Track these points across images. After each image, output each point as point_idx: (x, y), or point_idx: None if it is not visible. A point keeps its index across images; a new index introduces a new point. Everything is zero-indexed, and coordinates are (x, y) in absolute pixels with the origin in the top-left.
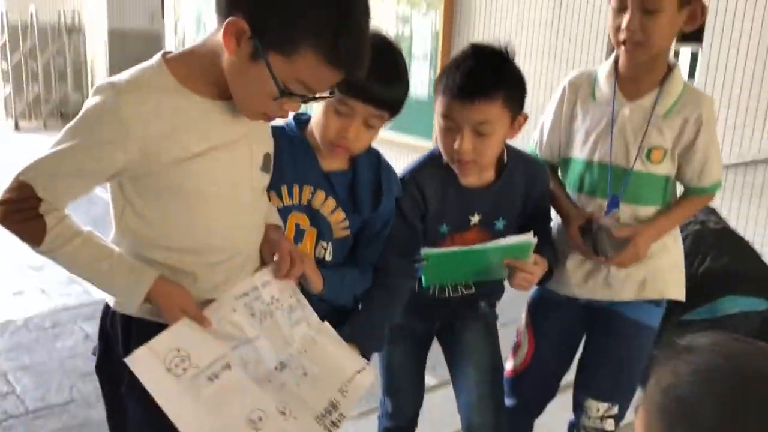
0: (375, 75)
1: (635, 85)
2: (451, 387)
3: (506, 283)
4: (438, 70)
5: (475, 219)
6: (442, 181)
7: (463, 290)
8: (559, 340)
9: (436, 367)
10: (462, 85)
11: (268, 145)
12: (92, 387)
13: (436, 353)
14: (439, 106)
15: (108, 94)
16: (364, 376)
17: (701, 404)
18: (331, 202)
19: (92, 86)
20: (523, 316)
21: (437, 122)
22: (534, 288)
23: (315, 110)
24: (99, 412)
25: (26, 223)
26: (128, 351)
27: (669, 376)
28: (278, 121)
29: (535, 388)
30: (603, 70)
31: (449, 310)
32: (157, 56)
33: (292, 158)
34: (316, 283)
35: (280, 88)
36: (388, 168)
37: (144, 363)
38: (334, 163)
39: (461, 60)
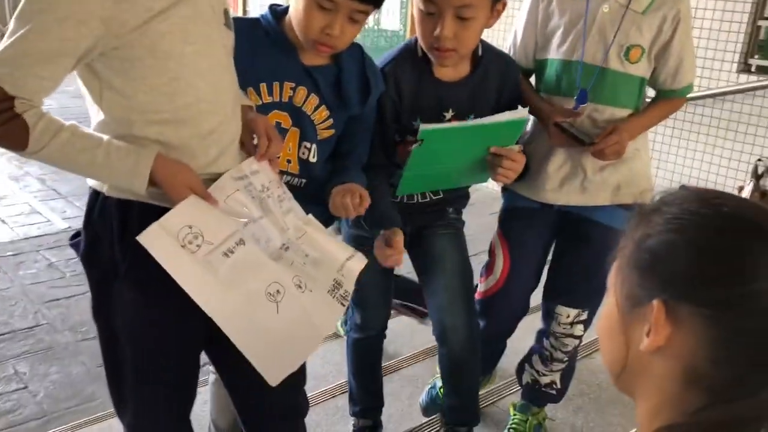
0: None
1: None
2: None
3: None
4: (410, 6)
5: (449, 114)
6: (417, 74)
7: (431, 195)
8: (533, 250)
9: None
10: None
11: (224, 2)
12: (57, 313)
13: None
14: None
15: None
16: (354, 262)
17: (673, 247)
18: (314, 99)
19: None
20: (493, 236)
21: (416, 6)
22: (504, 198)
23: (295, 3)
24: (65, 336)
25: (6, 126)
26: (126, 237)
27: (643, 227)
28: (254, 13)
29: (511, 305)
30: None
31: (418, 216)
32: None
33: (270, 53)
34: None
35: None
36: (372, 61)
37: (158, 240)
38: (315, 58)
39: None
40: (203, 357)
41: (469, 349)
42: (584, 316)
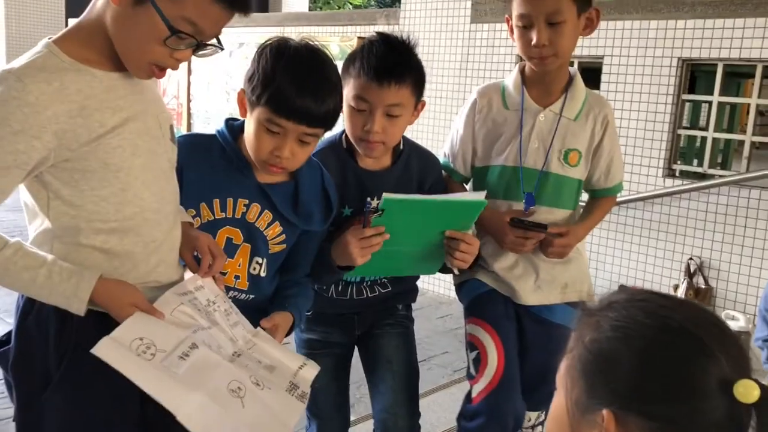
0: (304, 91)
1: (545, 92)
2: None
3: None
4: None
5: (374, 202)
6: (342, 165)
7: (380, 289)
8: (514, 334)
9: (355, 405)
10: (378, 68)
11: (170, 118)
12: None
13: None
14: (351, 89)
15: (10, 82)
16: (307, 371)
17: (621, 358)
18: (267, 216)
19: None
20: (468, 326)
21: (346, 104)
22: (466, 290)
23: (247, 124)
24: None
25: None
26: (61, 344)
27: (591, 331)
28: (211, 129)
29: (516, 393)
30: (510, 80)
31: (368, 313)
32: (44, 41)
33: (224, 170)
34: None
35: (169, 26)
36: (330, 179)
37: (111, 350)
38: (271, 176)
39: (372, 45)
40: None
41: None
42: (543, 417)
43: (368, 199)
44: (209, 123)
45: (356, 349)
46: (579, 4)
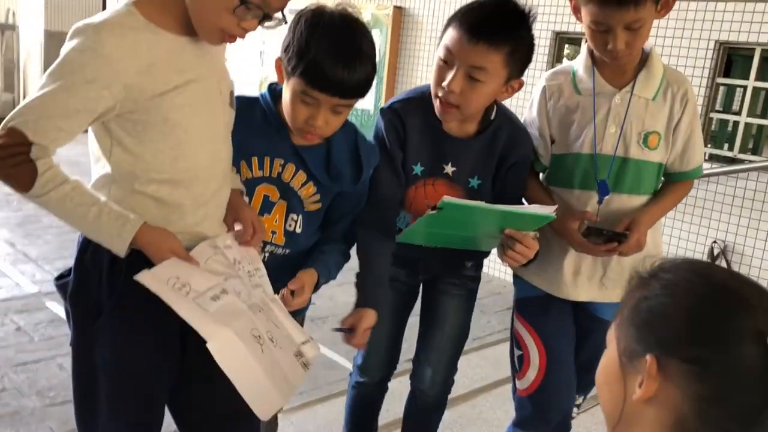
0: (337, 64)
1: (618, 72)
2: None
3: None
4: (384, 89)
5: (449, 168)
6: (425, 120)
7: None
8: (563, 333)
9: None
10: (474, 23)
11: (231, 84)
12: (24, 377)
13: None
14: (446, 38)
15: (88, 34)
16: (309, 347)
17: (667, 310)
18: (302, 176)
19: (24, 87)
20: (515, 323)
21: (437, 54)
22: (517, 287)
23: (284, 92)
24: (32, 401)
25: (17, 168)
26: (113, 277)
27: (642, 290)
28: (254, 92)
29: (560, 393)
30: (579, 63)
31: (435, 263)
32: (125, 1)
33: (264, 131)
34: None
35: None
36: (364, 140)
37: (151, 280)
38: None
39: (484, 2)
40: None
41: (439, 403)
42: (580, 401)
43: (413, 167)
44: (242, 85)
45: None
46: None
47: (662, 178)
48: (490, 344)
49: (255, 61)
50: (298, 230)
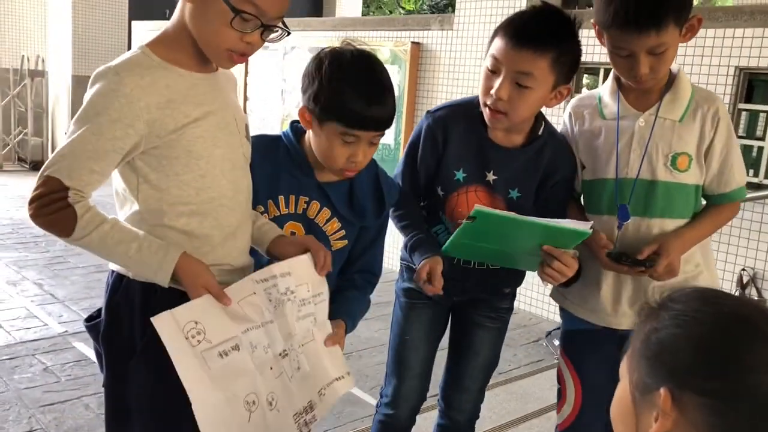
0: (372, 102)
1: (643, 95)
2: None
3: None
4: (404, 124)
5: (490, 176)
6: (471, 126)
7: (489, 264)
8: (602, 373)
9: None
10: (520, 30)
11: (245, 118)
12: (51, 417)
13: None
14: (492, 47)
15: (108, 77)
16: (342, 384)
17: (678, 342)
18: (326, 212)
19: (52, 131)
20: (559, 360)
21: (484, 65)
22: (563, 320)
23: (316, 137)
24: None
25: (57, 214)
26: (146, 317)
27: (652, 322)
28: (276, 130)
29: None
30: (605, 89)
31: (473, 285)
32: (138, 45)
33: (288, 169)
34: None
35: (232, 7)
36: (385, 173)
37: (166, 325)
38: (329, 175)
39: (528, 11)
40: None
41: (468, 427)
42: None
43: (455, 172)
44: (264, 121)
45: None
46: (681, 23)
47: (703, 201)
48: (517, 378)
49: (276, 99)
50: None
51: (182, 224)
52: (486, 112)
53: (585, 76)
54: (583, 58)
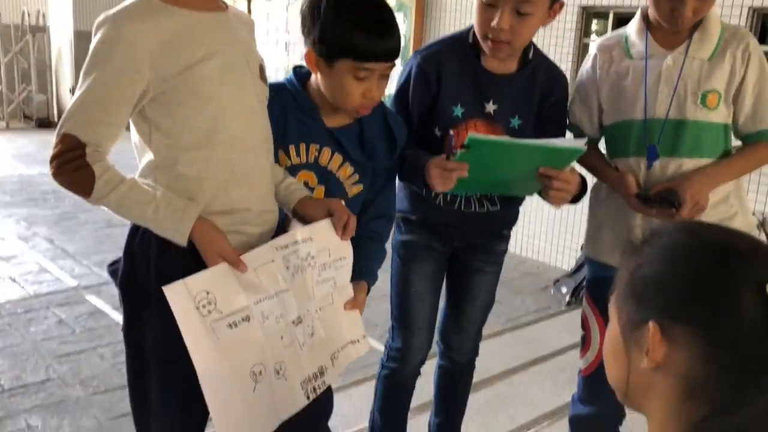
0: (379, 33)
1: (671, 33)
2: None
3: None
4: None
5: (490, 107)
6: (463, 61)
7: (489, 205)
8: None
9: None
10: None
11: (260, 59)
12: (68, 367)
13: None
14: None
15: (109, 24)
16: (357, 348)
17: (667, 278)
18: (338, 158)
19: (56, 87)
20: (584, 303)
21: None
22: (589, 268)
23: (326, 79)
24: (76, 390)
25: (77, 173)
26: (163, 269)
27: (637, 259)
28: (280, 77)
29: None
30: (632, 28)
31: (473, 228)
32: None
33: (296, 116)
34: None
35: None
36: (393, 115)
37: (177, 294)
38: (337, 120)
39: None
40: None
41: (468, 366)
42: None
43: (450, 132)
44: (268, 72)
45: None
46: None
47: (736, 143)
48: (524, 324)
49: (281, 52)
50: None
51: (196, 171)
52: (488, 44)
53: (594, 21)
54: (592, 2)
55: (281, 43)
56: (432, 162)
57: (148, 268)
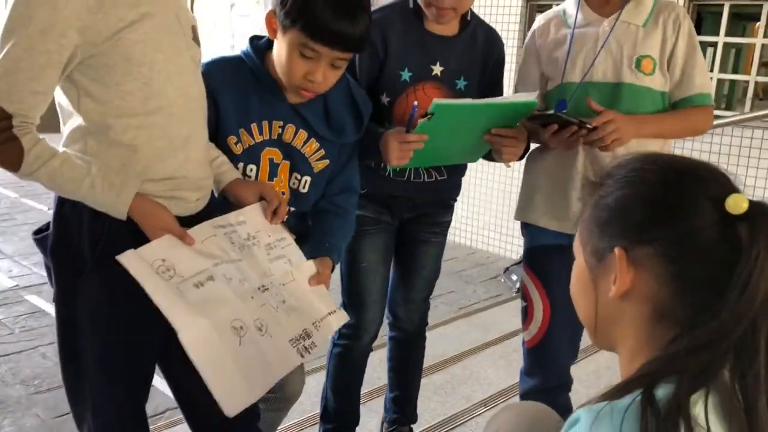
0: (340, 15)
1: (606, 3)
2: None
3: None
4: None
5: (437, 69)
6: (407, 25)
7: (437, 175)
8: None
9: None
10: None
11: (192, 19)
12: (7, 368)
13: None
14: None
15: None
16: (334, 318)
17: (629, 203)
18: (303, 134)
19: None
20: (523, 274)
21: None
22: (527, 236)
23: (278, 46)
24: (16, 390)
25: (3, 146)
26: (95, 232)
27: (598, 192)
28: (224, 49)
29: (561, 348)
30: (567, 2)
31: (420, 200)
32: None
33: (258, 94)
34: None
35: None
36: (357, 85)
37: (134, 261)
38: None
39: None
40: None
41: (418, 335)
42: None
43: (414, 103)
44: (212, 40)
45: None
46: None
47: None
48: (477, 311)
49: (225, 14)
50: (304, 190)
51: (129, 138)
52: (432, 11)
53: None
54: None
55: (227, 5)
56: (390, 134)
57: (80, 233)
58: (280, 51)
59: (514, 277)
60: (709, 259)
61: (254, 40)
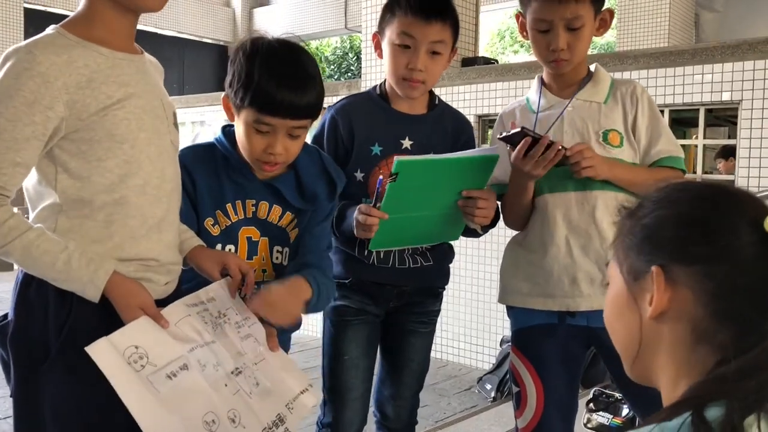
0: (284, 85)
1: (565, 86)
2: None
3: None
4: None
5: (406, 143)
6: (373, 108)
7: (421, 260)
8: (565, 367)
9: None
10: (424, 5)
11: (173, 105)
12: None
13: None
14: (396, 26)
15: (21, 55)
16: (308, 397)
17: (667, 222)
18: (277, 209)
19: None
20: (512, 357)
21: (389, 44)
22: (512, 319)
23: (236, 128)
24: None
25: None
26: (61, 317)
27: (633, 218)
28: (208, 137)
29: None
30: (531, 91)
31: (406, 289)
32: (50, 27)
33: (229, 176)
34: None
35: None
36: (329, 158)
37: (104, 353)
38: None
39: None
40: None
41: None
42: None
43: (380, 177)
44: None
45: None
46: (596, 7)
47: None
48: (455, 421)
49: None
50: (285, 262)
51: (105, 216)
52: (403, 84)
53: (489, 130)
54: (487, 111)
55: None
56: (358, 207)
57: (45, 316)
58: (239, 131)
59: (488, 386)
60: (749, 277)
61: (226, 127)
